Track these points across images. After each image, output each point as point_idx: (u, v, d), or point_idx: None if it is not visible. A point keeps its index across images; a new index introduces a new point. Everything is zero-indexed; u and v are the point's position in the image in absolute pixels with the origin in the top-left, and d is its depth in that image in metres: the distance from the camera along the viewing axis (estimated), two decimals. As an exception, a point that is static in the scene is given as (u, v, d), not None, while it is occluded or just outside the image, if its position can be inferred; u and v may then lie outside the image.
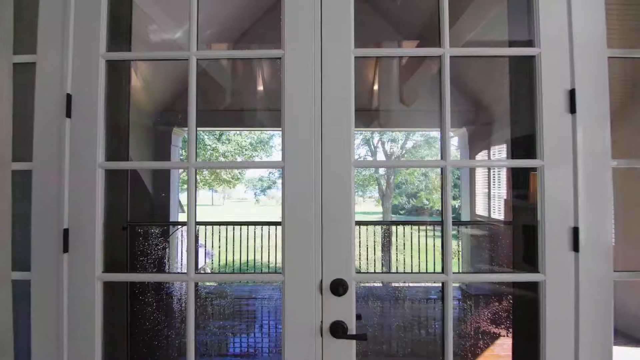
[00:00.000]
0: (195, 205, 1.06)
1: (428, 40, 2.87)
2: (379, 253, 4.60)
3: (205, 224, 4.22)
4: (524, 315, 1.17)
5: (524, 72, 1.15)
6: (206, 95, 3.69)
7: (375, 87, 4.59)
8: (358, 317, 1.05)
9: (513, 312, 1.36)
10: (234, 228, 4.29)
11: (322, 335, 1.02)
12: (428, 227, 4.61)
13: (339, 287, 0.99)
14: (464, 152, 4.35)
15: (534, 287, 1.06)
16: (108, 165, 1.09)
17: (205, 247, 4.58)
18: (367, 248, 4.29)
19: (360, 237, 4.31)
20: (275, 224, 4.33)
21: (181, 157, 4.50)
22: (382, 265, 4.96)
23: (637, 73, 1.71)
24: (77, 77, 1.07)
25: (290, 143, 1.05)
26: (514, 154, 1.31)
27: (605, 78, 1.05)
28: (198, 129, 1.11)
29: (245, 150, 11.87)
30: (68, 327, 1.05)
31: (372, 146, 11.30)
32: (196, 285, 1.10)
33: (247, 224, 4.40)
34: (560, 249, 1.03)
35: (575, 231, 1.03)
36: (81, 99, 1.06)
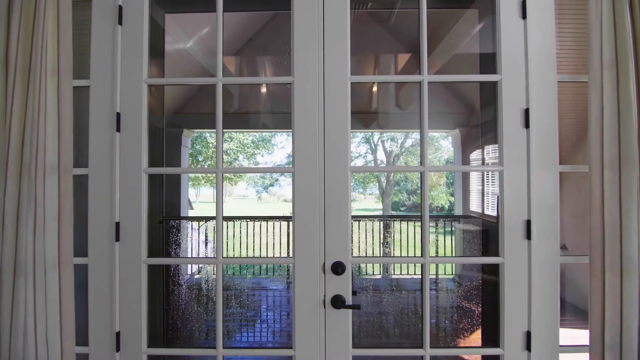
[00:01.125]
0: (222, 201, 1.31)
1: (431, 39, 3.10)
2: (377, 247, 4.85)
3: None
4: (491, 292, 1.41)
5: (491, 91, 1.39)
6: (214, 99, 3.93)
7: (375, 89, 4.82)
8: (354, 292, 1.30)
9: (482, 290, 1.60)
10: (240, 224, 4.55)
11: (324, 306, 1.27)
12: (415, 221, 4.89)
13: (338, 268, 1.24)
14: (457, 152, 4.59)
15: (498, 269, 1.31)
16: (150, 171, 1.33)
17: (214, 242, 4.85)
18: (366, 242, 4.54)
19: (359, 232, 4.57)
20: (284, 218, 4.63)
21: (190, 156, 4.73)
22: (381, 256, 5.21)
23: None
24: (124, 99, 1.31)
25: (298, 153, 1.30)
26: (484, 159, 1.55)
27: (554, 99, 1.29)
28: (207, 130, 1.36)
29: (247, 147, 12.10)
30: (119, 302, 1.30)
31: (373, 144, 11.55)
32: (201, 280, 1.35)
33: (260, 218, 4.71)
34: (516, 238, 1.28)
35: (528, 223, 1.27)
36: (128, 116, 1.31)
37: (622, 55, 1.19)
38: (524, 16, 1.30)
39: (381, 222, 5.13)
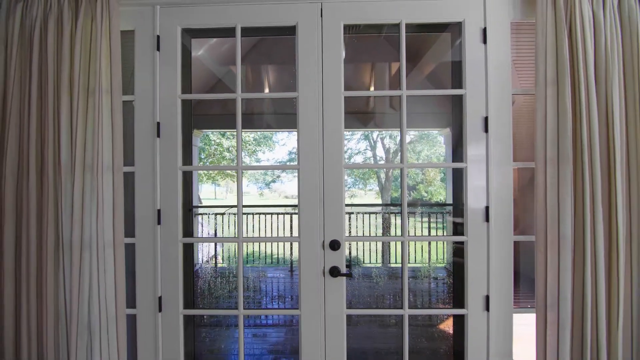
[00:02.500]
0: (242, 194, 1.64)
1: (414, 56, 3.41)
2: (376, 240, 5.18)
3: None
4: (460, 266, 1.72)
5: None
6: (224, 102, 4.24)
7: (372, 88, 5.12)
8: (348, 265, 1.62)
9: (454, 265, 1.92)
10: (246, 217, 4.88)
11: (324, 275, 1.59)
12: (416, 215, 5.22)
13: (335, 245, 1.57)
14: (449, 149, 4.89)
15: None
16: (184, 168, 1.65)
17: (216, 236, 5.20)
18: (363, 232, 4.89)
19: (362, 226, 4.90)
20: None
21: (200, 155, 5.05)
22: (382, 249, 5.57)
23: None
24: (163, 111, 1.63)
25: (302, 153, 1.61)
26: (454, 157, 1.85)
27: (509, 108, 1.60)
28: (215, 130, 1.69)
29: (249, 145, 12.42)
30: (161, 273, 1.63)
31: (372, 141, 11.83)
32: (212, 269, 1.68)
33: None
34: (478, 221, 1.60)
35: (487, 209, 1.59)
36: (166, 125, 1.63)
37: (561, 74, 1.50)
38: (485, 41, 1.60)
39: (379, 216, 5.46)
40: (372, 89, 4.99)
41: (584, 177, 1.46)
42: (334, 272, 1.57)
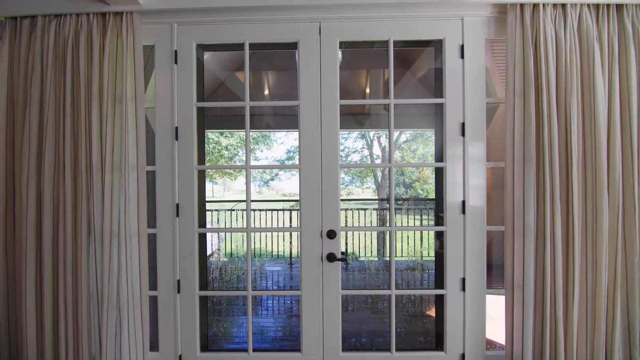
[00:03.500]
0: (250, 189, 1.86)
1: (407, 62, 3.64)
2: (373, 235, 5.44)
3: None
4: (440, 254, 1.95)
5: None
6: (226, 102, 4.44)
7: (367, 90, 5.35)
8: (343, 253, 1.85)
9: (436, 253, 2.15)
10: (252, 212, 5.12)
11: (322, 260, 1.83)
12: (409, 212, 5.47)
13: (331, 234, 1.80)
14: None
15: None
16: (199, 167, 1.88)
17: (218, 234, 5.44)
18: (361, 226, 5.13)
19: (349, 220, 5.13)
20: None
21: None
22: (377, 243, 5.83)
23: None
24: (180, 117, 1.85)
25: (303, 154, 1.84)
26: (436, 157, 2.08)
27: (483, 115, 1.83)
28: (215, 130, 1.91)
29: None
30: (179, 259, 1.86)
31: (369, 140, 12.07)
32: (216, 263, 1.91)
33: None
34: (455, 213, 1.83)
35: (464, 202, 1.82)
36: (183, 129, 1.85)
37: (527, 86, 1.73)
38: (462, 57, 1.83)
39: (374, 212, 5.70)
40: (367, 90, 5.23)
41: (545, 175, 1.70)
42: (331, 257, 1.81)
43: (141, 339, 1.79)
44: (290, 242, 4.73)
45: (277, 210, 5.24)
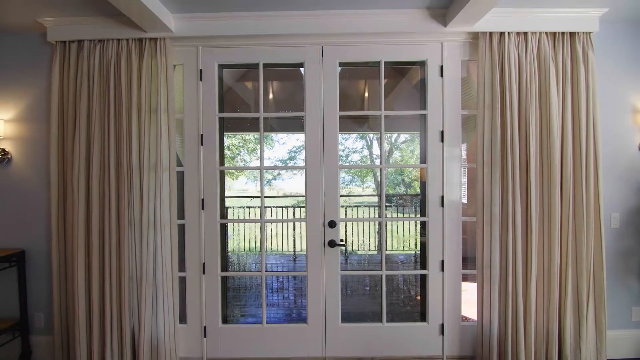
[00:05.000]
0: (263, 187, 2.21)
1: (402, 72, 4.00)
2: (372, 231, 5.80)
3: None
4: (424, 240, 2.31)
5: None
6: (234, 107, 4.78)
7: (366, 94, 5.71)
8: (342, 240, 2.21)
9: (421, 242, 2.51)
10: (259, 209, 5.46)
11: (324, 246, 2.18)
12: (406, 208, 5.84)
13: (332, 223, 2.15)
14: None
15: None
16: (221, 168, 2.23)
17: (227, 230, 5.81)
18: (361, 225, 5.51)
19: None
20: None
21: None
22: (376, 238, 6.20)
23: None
24: (205, 125, 2.19)
25: (309, 157, 2.19)
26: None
27: (459, 125, 2.19)
28: (226, 133, 2.25)
29: (249, 143, 12.96)
30: (204, 245, 2.20)
31: (369, 141, 12.45)
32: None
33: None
34: (436, 206, 2.19)
35: (442, 197, 2.18)
36: (208, 136, 2.19)
37: (494, 101, 2.09)
38: (442, 75, 2.19)
39: (372, 210, 6.05)
40: (366, 94, 5.59)
41: (508, 175, 2.06)
42: (332, 243, 2.17)
43: (172, 313, 2.13)
44: (294, 240, 5.08)
45: (282, 207, 5.57)
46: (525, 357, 2.07)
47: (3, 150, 2.28)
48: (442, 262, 2.20)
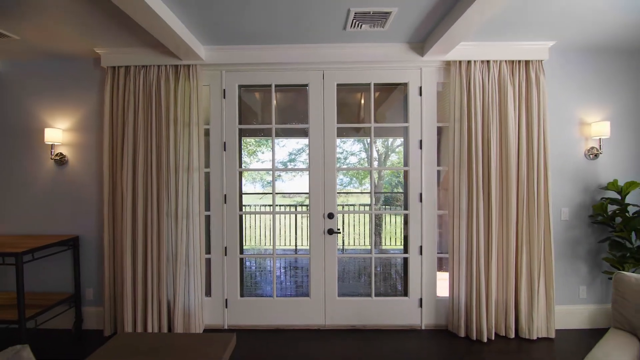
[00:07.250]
0: (274, 187, 2.71)
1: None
2: (367, 229, 6.28)
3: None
4: (407, 232, 2.80)
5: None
6: (244, 116, 5.29)
7: (362, 102, 6.23)
8: (339, 229, 2.70)
9: (404, 231, 3.00)
10: (262, 207, 5.94)
11: (324, 234, 2.67)
12: (399, 207, 6.32)
13: (331, 215, 2.65)
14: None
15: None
16: (240, 169, 2.73)
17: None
18: (358, 223, 6.00)
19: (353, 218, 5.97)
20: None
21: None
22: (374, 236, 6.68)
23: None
24: (227, 134, 2.69)
25: (311, 160, 2.69)
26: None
27: (435, 135, 2.68)
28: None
29: (250, 145, 13.51)
30: (226, 232, 2.70)
31: (366, 144, 12.96)
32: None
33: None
34: (415, 201, 2.68)
35: (421, 195, 2.67)
36: (230, 143, 2.69)
37: (462, 116, 2.58)
38: (420, 94, 2.68)
39: (369, 209, 6.54)
40: (362, 101, 6.12)
41: (473, 176, 2.55)
42: (330, 231, 2.66)
43: (200, 287, 2.62)
44: (296, 239, 5.58)
45: (284, 206, 6.06)
46: (487, 325, 2.54)
47: (61, 154, 2.78)
48: (421, 247, 2.69)
